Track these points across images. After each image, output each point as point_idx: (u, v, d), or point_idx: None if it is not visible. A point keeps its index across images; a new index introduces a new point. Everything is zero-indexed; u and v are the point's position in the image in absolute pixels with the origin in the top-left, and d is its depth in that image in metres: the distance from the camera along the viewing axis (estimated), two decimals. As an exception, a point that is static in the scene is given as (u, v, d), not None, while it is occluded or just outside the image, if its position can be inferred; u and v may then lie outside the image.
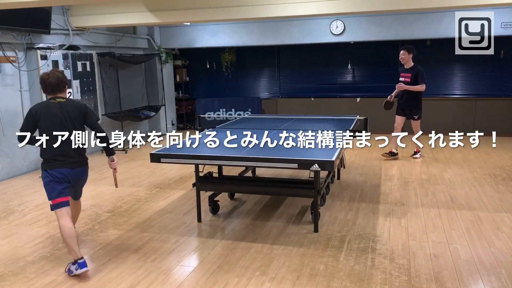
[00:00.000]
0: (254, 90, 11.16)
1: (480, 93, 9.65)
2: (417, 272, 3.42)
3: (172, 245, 4.05)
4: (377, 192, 5.56)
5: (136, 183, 6.18)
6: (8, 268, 3.67)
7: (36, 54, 6.91)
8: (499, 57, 9.14)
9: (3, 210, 5.23)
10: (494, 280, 3.29)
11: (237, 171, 5.87)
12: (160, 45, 10.32)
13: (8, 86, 6.70)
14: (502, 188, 5.60)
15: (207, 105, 10.80)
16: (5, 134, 6.66)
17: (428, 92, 9.87)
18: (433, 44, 9.50)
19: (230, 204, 5.19)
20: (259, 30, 9.64)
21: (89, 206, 5.26)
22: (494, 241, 3.97)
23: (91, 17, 7.47)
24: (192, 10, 6.74)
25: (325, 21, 9.19)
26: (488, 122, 9.53)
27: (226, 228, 4.46)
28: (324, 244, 3.98)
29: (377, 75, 10.13)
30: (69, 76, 7.56)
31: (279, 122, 6.26)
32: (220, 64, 10.99)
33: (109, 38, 8.88)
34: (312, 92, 10.46)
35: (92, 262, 3.75)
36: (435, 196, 5.34)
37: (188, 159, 4.16)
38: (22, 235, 4.41)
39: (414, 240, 4.04)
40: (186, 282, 3.36)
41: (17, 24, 6.39)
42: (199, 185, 4.57)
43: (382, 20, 8.88)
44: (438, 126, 9.77)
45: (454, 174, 6.33)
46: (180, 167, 6.88)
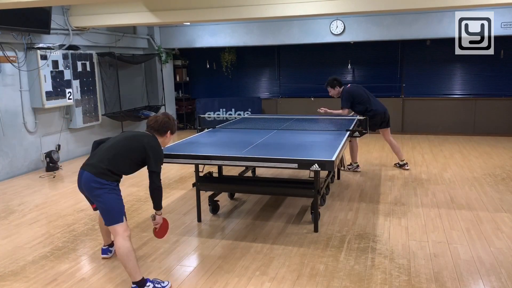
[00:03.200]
0: (254, 90, 11.16)
1: (480, 93, 9.65)
2: (417, 272, 3.42)
3: (172, 245, 4.05)
4: (377, 192, 5.56)
5: (136, 183, 6.18)
6: (8, 268, 3.67)
7: (36, 54, 6.90)
8: (499, 57, 9.14)
9: (3, 210, 5.23)
10: (494, 280, 3.29)
11: (237, 171, 5.87)
12: (160, 45, 10.32)
13: (8, 86, 6.70)
14: (502, 188, 5.60)
15: (207, 105, 10.80)
16: (5, 134, 6.66)
17: (428, 92, 9.95)
18: (433, 44, 9.50)
19: (230, 204, 5.19)
20: (259, 30, 9.64)
21: (89, 206, 5.23)
22: (494, 241, 3.97)
23: (91, 17, 7.47)
24: (192, 10, 6.74)
25: (325, 21, 9.19)
26: (488, 122, 9.54)
27: (226, 228, 4.46)
28: (324, 244, 3.98)
29: (377, 75, 10.13)
30: (69, 76, 7.56)
31: (279, 122, 6.26)
32: (220, 64, 10.99)
33: (109, 38, 8.89)
34: (312, 92, 10.45)
35: (92, 262, 3.75)
36: (435, 196, 5.34)
37: (188, 159, 4.16)
38: (22, 235, 4.41)
39: (414, 240, 4.04)
40: (186, 282, 3.36)
41: (17, 24, 6.39)
42: (199, 185, 4.57)
43: (382, 20, 8.88)
44: (438, 126, 9.84)
45: (454, 174, 6.33)
46: (180, 167, 6.88)
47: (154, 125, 3.46)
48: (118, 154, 3.24)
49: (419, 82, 9.96)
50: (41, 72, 6.96)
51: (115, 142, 3.35)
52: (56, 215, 4.97)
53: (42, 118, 7.31)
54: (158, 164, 3.31)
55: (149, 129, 3.48)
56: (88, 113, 8.09)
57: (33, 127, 7.13)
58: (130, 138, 3.36)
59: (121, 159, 3.24)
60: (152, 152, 3.28)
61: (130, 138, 3.36)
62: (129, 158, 3.27)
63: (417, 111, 9.97)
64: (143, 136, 3.38)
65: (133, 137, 3.37)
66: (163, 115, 3.55)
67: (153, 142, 3.35)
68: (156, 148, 3.34)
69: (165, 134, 3.50)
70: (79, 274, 3.54)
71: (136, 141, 3.32)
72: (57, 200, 5.57)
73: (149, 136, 3.40)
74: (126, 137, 3.38)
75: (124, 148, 3.28)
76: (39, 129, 7.25)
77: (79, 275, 3.53)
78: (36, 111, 7.15)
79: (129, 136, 3.40)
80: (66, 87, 7.50)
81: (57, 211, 5.11)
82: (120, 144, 3.31)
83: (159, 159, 3.34)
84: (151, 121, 3.50)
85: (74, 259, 3.83)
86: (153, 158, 3.27)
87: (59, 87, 7.33)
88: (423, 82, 9.94)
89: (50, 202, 5.47)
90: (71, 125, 7.88)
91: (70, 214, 4.99)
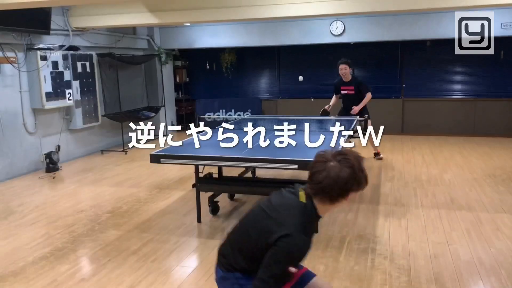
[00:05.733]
0: (254, 90, 11.15)
1: (480, 94, 9.64)
2: (417, 273, 3.41)
3: (172, 245, 4.05)
4: (377, 192, 5.56)
5: (136, 184, 6.17)
6: (8, 268, 3.67)
7: (36, 54, 6.90)
8: (499, 57, 9.13)
9: (3, 210, 5.22)
10: (494, 280, 3.28)
11: (237, 172, 5.86)
12: (160, 45, 10.32)
13: (8, 86, 6.69)
14: (502, 189, 5.59)
15: (207, 105, 10.79)
16: (5, 135, 6.65)
17: (428, 93, 9.94)
18: (433, 44, 9.50)
19: (230, 205, 5.19)
20: (259, 31, 9.63)
21: (89, 206, 5.25)
22: (494, 242, 3.97)
23: (91, 18, 7.47)
24: (192, 11, 6.74)
25: (325, 22, 9.19)
26: (488, 123, 9.53)
27: (226, 229, 4.46)
28: (324, 244, 3.98)
29: (377, 76, 10.12)
30: (68, 77, 7.56)
31: (279, 122, 6.24)
32: (220, 64, 10.98)
33: (109, 39, 8.89)
34: (312, 93, 10.45)
35: (92, 263, 3.75)
36: (435, 197, 5.33)
37: (188, 159, 4.16)
38: (22, 236, 4.40)
39: (414, 240, 4.04)
40: (186, 283, 3.36)
41: (17, 24, 6.39)
42: (199, 186, 4.57)
43: (382, 20, 8.88)
44: (438, 126, 9.83)
45: (454, 175, 6.33)
46: (180, 168, 6.87)
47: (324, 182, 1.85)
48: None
49: (419, 83, 9.95)
50: (41, 72, 6.96)
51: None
52: (56, 216, 4.97)
53: (42, 119, 7.31)
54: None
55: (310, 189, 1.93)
56: (88, 114, 8.09)
57: (33, 128, 7.13)
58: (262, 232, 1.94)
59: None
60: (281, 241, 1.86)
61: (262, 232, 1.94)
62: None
63: (417, 112, 9.96)
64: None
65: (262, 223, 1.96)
66: (343, 158, 1.87)
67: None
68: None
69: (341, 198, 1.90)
70: (79, 275, 3.54)
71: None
72: (57, 201, 5.56)
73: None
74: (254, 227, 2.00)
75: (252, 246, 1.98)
76: (39, 130, 7.25)
77: (79, 276, 3.52)
78: (36, 112, 7.15)
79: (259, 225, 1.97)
80: (66, 88, 7.50)
81: (57, 212, 5.11)
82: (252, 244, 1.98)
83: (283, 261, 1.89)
84: (319, 174, 1.87)
85: (74, 260, 3.83)
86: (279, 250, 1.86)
87: (59, 88, 7.33)
88: (423, 83, 9.93)
89: (50, 203, 5.47)
90: (71, 126, 7.88)
91: (70, 215, 4.99)
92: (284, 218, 1.89)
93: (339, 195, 1.87)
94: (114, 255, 3.87)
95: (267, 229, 1.88)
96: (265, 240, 1.87)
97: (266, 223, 1.92)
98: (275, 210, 1.94)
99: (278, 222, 1.88)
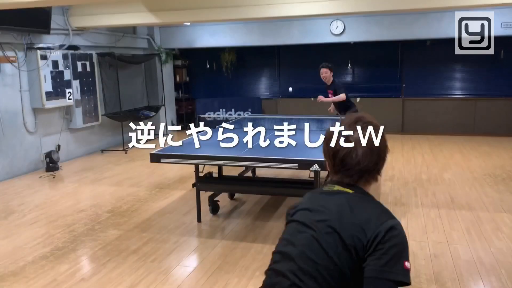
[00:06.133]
0: (254, 90, 11.15)
1: (480, 93, 9.65)
2: (417, 272, 3.41)
3: (172, 245, 4.05)
4: (377, 192, 5.55)
5: (136, 183, 6.17)
6: (8, 268, 3.67)
7: (36, 54, 6.90)
8: (499, 57, 9.13)
9: (3, 210, 5.23)
10: (494, 280, 3.28)
11: (237, 171, 5.86)
12: (160, 45, 10.31)
13: (8, 86, 6.69)
14: (502, 188, 5.59)
15: (207, 105, 10.79)
16: (5, 134, 6.65)
17: (428, 92, 9.94)
18: (433, 44, 9.49)
19: (230, 204, 5.19)
20: (259, 30, 9.63)
21: (89, 206, 5.25)
22: (494, 241, 3.97)
23: (91, 17, 7.47)
24: (192, 10, 6.74)
25: (325, 21, 9.18)
26: (488, 122, 9.53)
27: (226, 228, 4.46)
28: (324, 244, 3.97)
29: (377, 75, 10.13)
30: (68, 76, 7.56)
31: (279, 122, 6.24)
32: (220, 64, 10.98)
33: (109, 38, 8.88)
34: (312, 92, 10.43)
35: (92, 262, 3.75)
36: (435, 196, 5.33)
37: (188, 159, 4.16)
38: (22, 235, 4.40)
39: (414, 240, 4.03)
40: (186, 282, 3.36)
41: (17, 24, 6.39)
42: (199, 185, 4.56)
43: (382, 20, 8.87)
44: (438, 126, 9.83)
45: (454, 174, 6.33)
46: (180, 167, 6.86)
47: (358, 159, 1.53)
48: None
49: (419, 82, 9.95)
50: (41, 72, 6.95)
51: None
52: (56, 215, 4.97)
53: (42, 118, 7.31)
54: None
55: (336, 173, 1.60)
56: (88, 113, 8.09)
57: (33, 127, 7.13)
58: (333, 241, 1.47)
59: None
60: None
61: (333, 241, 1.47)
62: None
63: (417, 111, 9.96)
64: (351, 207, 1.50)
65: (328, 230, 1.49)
66: (362, 125, 1.58)
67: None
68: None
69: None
70: (79, 274, 3.54)
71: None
72: (57, 200, 5.56)
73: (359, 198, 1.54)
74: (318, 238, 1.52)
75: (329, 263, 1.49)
76: (39, 129, 7.25)
77: (79, 275, 3.52)
78: (36, 111, 7.15)
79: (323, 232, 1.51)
80: (66, 87, 7.50)
81: (57, 211, 5.11)
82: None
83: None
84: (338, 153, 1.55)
85: (74, 259, 3.83)
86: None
87: (59, 87, 7.33)
88: (423, 82, 9.93)
89: (50, 203, 5.47)
90: (71, 125, 7.88)
91: (70, 214, 4.99)
92: (368, 215, 1.43)
93: (382, 165, 1.59)
94: (114, 254, 3.87)
95: (357, 233, 1.39)
96: (359, 246, 1.38)
97: (351, 230, 1.41)
98: (348, 215, 1.45)
99: (364, 221, 1.41)
